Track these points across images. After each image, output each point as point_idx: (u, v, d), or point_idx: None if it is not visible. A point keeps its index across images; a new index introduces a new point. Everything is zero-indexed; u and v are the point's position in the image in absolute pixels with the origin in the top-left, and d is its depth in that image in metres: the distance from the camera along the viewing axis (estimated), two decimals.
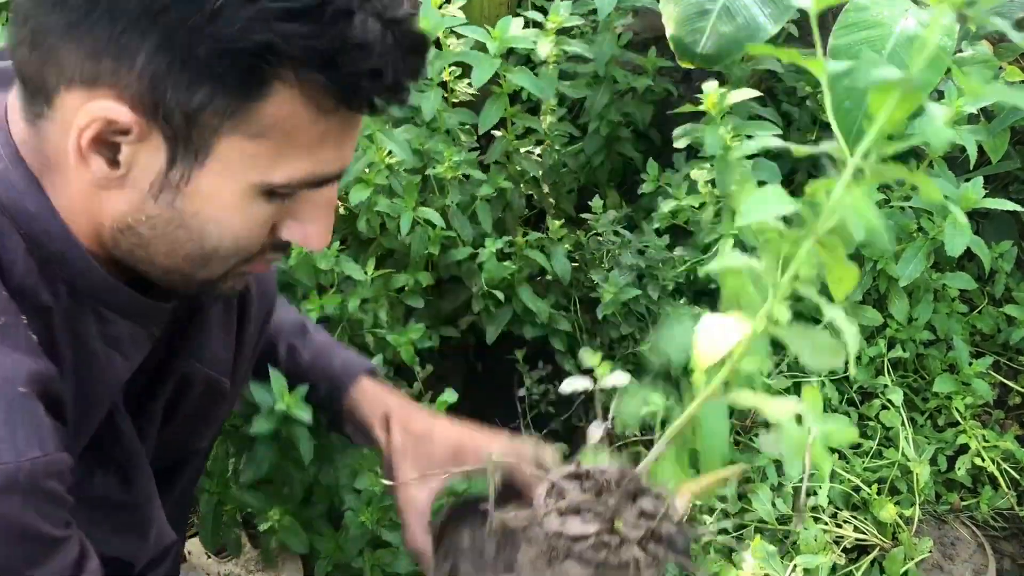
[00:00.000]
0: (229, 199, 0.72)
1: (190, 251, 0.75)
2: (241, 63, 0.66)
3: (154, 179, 0.71)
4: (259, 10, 0.64)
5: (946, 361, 1.64)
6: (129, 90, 0.67)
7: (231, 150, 0.70)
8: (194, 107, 0.67)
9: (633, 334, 1.61)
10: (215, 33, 0.64)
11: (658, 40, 1.96)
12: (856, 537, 1.44)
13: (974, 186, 1.44)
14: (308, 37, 0.65)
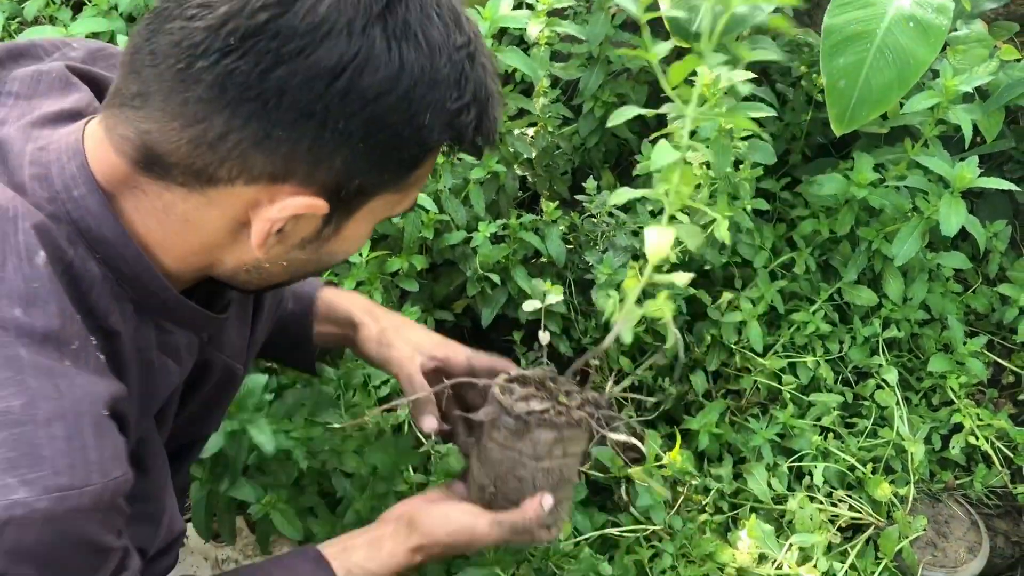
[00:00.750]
0: (360, 236, 0.83)
1: (308, 274, 0.86)
2: (422, 152, 0.77)
3: (306, 236, 0.79)
4: (446, 116, 0.75)
5: (941, 341, 1.64)
6: (316, 183, 0.74)
7: (379, 203, 0.79)
8: (368, 185, 0.76)
9: None
10: (416, 139, 0.75)
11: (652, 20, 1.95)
12: (851, 516, 1.45)
13: (969, 165, 1.44)
14: (468, 119, 0.77)
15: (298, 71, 0.68)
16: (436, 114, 0.74)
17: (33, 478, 0.66)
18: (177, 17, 0.69)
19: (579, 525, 1.36)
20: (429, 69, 0.72)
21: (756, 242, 1.61)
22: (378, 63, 0.70)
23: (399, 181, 0.78)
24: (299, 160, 0.72)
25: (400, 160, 0.76)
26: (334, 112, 0.70)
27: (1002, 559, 1.55)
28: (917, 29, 1.43)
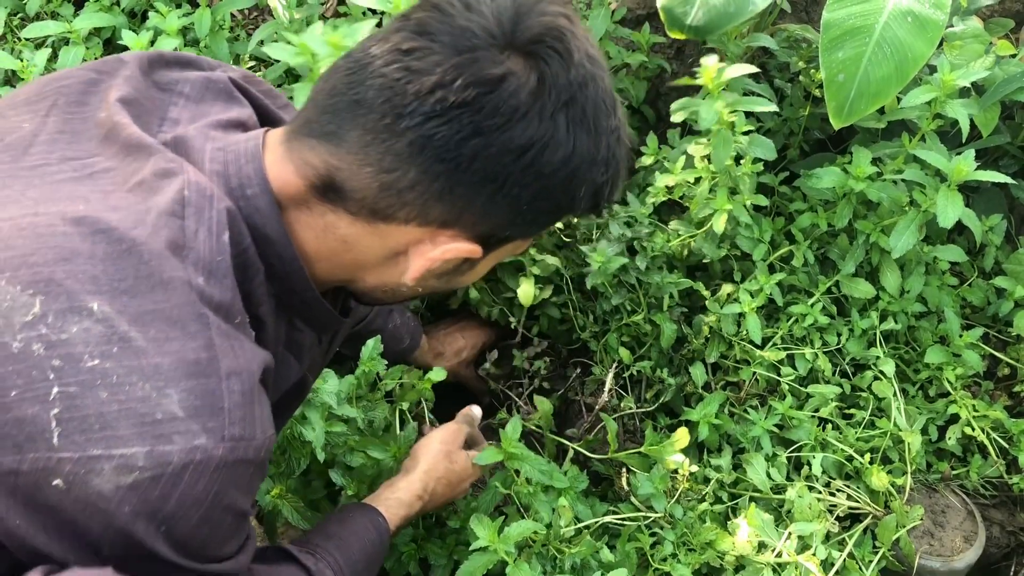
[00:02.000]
0: (487, 268, 0.92)
1: (416, 295, 0.94)
2: (566, 212, 0.86)
3: (448, 271, 0.88)
4: (598, 190, 0.85)
5: (937, 333, 1.65)
6: (477, 233, 0.83)
7: (510, 247, 0.89)
8: (514, 236, 0.86)
9: (624, 304, 1.63)
10: (569, 209, 0.85)
11: (651, 16, 1.97)
12: (849, 505, 1.46)
13: (966, 159, 1.46)
14: (609, 197, 0.87)
15: (493, 144, 0.77)
16: (589, 188, 0.84)
17: (213, 426, 0.71)
18: (383, 75, 0.77)
19: (580, 514, 1.38)
20: (593, 151, 0.82)
21: (755, 235, 1.63)
22: (558, 145, 0.79)
23: (536, 233, 0.90)
24: (471, 214, 0.81)
25: (548, 222, 0.87)
26: (513, 181, 0.79)
27: (997, 548, 1.56)
28: (915, 24, 1.45)
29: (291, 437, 1.23)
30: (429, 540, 1.36)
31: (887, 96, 1.45)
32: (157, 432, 0.69)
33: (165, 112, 0.88)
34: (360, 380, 1.35)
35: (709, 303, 1.62)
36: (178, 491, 0.70)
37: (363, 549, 1.10)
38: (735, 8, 1.53)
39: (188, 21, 1.80)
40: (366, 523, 1.14)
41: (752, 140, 1.51)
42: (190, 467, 0.70)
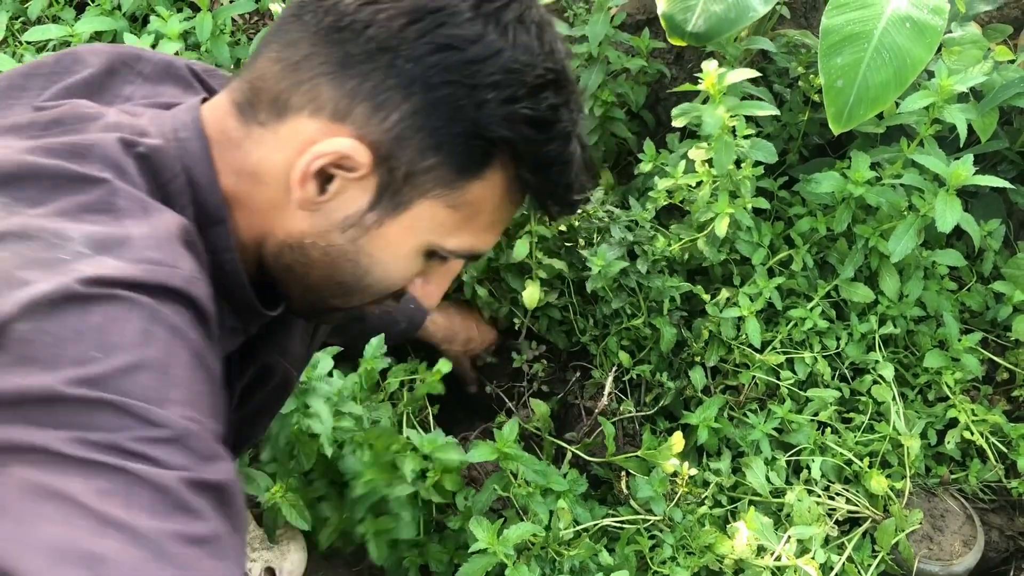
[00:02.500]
0: (403, 251, 0.80)
1: (344, 281, 0.82)
2: (480, 148, 0.74)
3: (349, 215, 0.77)
4: (513, 111, 0.73)
5: (936, 337, 1.66)
6: (371, 136, 0.74)
7: (427, 211, 0.77)
8: (419, 169, 0.75)
9: (624, 308, 1.63)
10: (476, 119, 0.73)
11: (651, 21, 1.98)
12: (848, 509, 1.47)
13: (964, 163, 1.46)
14: (538, 144, 0.75)
15: (387, 8, 0.72)
16: (500, 104, 0.73)
17: (123, 253, 0.65)
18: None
19: (579, 517, 1.38)
20: (507, 56, 0.73)
21: (754, 239, 1.63)
22: (459, 20, 0.72)
23: (448, 185, 0.76)
24: (361, 100, 0.73)
25: (455, 139, 0.74)
26: (405, 50, 0.72)
27: (996, 553, 1.57)
28: (914, 29, 1.46)
29: (298, 432, 1.23)
30: (430, 543, 1.37)
31: (886, 101, 1.45)
32: (64, 269, 0.62)
33: (119, 89, 0.86)
34: (362, 379, 1.35)
35: (709, 307, 1.62)
36: (108, 329, 0.61)
37: None
38: (736, 14, 1.54)
39: (189, 25, 1.81)
40: None
41: (753, 144, 1.52)
42: (106, 289, 0.62)
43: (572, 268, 1.66)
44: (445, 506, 1.40)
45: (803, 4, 2.05)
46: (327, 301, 0.85)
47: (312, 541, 1.36)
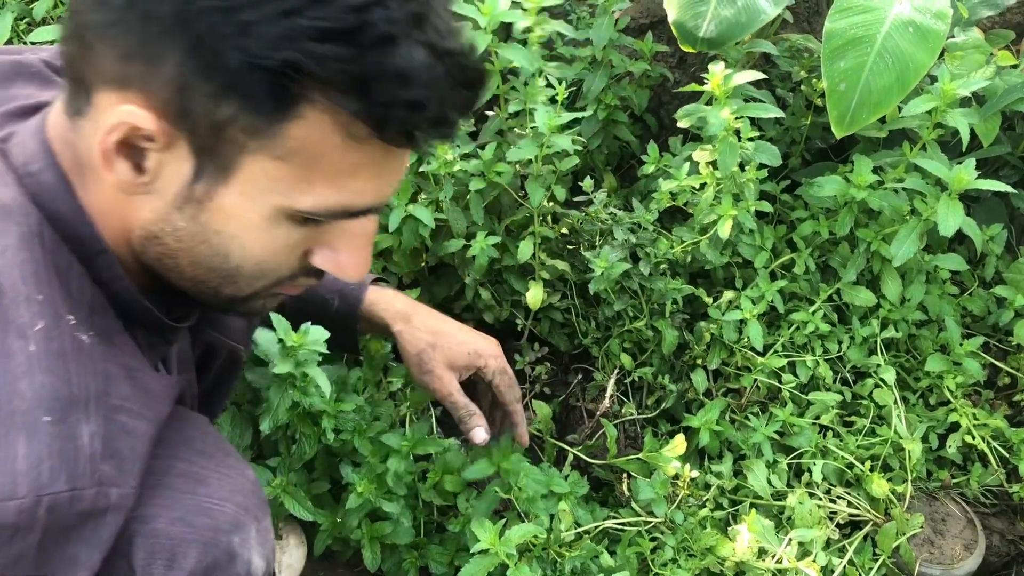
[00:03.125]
0: (253, 219, 0.71)
1: (215, 266, 0.74)
2: (270, 80, 0.63)
3: (179, 190, 0.70)
4: (291, 27, 0.62)
5: (938, 341, 1.66)
6: (158, 96, 0.65)
7: (256, 170, 0.68)
8: (221, 119, 0.65)
9: (626, 311, 1.63)
10: (245, 46, 0.62)
11: (654, 25, 1.98)
12: (849, 512, 1.47)
13: (966, 167, 1.46)
14: (342, 60, 0.63)
15: None
16: (270, 21, 0.62)
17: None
18: None
19: (580, 519, 1.38)
20: None
21: (757, 242, 1.63)
22: None
23: (262, 133, 0.66)
24: (133, 58, 0.65)
25: (236, 76, 0.63)
26: (140, 9, 0.64)
27: (997, 557, 1.56)
28: (916, 34, 1.46)
29: (300, 417, 1.23)
30: (430, 545, 1.37)
31: (888, 105, 1.46)
32: None
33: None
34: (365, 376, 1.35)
35: (711, 310, 1.62)
36: None
37: None
38: (747, 18, 1.54)
39: None
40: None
41: (757, 147, 1.52)
42: None
43: (575, 270, 1.66)
44: (447, 507, 1.41)
45: (806, 8, 2.06)
46: (220, 291, 0.78)
47: (312, 542, 1.36)
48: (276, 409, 1.16)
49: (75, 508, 0.65)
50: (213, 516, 0.78)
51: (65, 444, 0.65)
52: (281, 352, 1.15)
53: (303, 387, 1.17)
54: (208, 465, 0.81)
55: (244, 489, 0.82)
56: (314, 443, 1.24)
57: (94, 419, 0.67)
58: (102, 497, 0.67)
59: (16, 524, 0.62)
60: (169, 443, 0.79)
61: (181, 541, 0.75)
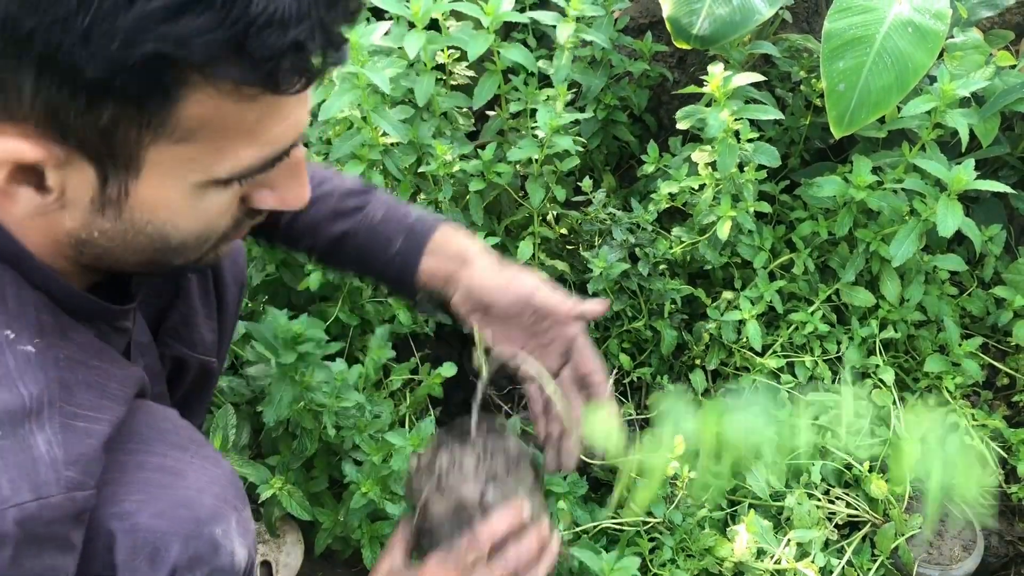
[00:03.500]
0: (179, 201, 0.68)
1: (158, 248, 0.72)
2: (137, 77, 0.58)
3: (92, 197, 0.66)
4: (137, 17, 0.56)
5: (937, 342, 1.66)
6: (28, 121, 0.60)
7: (162, 158, 0.64)
8: (104, 126, 0.61)
9: (625, 310, 1.63)
10: (96, 53, 0.56)
11: (654, 25, 1.98)
12: (848, 513, 1.47)
13: (966, 168, 1.46)
14: (204, 32, 0.57)
15: None
16: (111, 14, 0.56)
17: None
18: None
19: (579, 519, 1.38)
20: None
21: (756, 243, 1.63)
22: None
23: (152, 125, 0.61)
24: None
25: (109, 89, 0.58)
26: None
27: (996, 558, 1.57)
28: (916, 34, 1.46)
29: (301, 411, 1.22)
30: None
31: (888, 106, 1.46)
32: None
33: None
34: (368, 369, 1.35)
35: (710, 310, 1.62)
36: None
37: None
38: (741, 17, 1.54)
39: None
40: None
41: (756, 148, 1.52)
42: None
43: (574, 270, 1.66)
44: None
45: (805, 8, 2.06)
46: (171, 264, 0.75)
47: (309, 541, 1.36)
48: (279, 402, 1.16)
49: (44, 516, 0.64)
50: (193, 508, 0.76)
51: (21, 456, 0.63)
52: (283, 344, 1.15)
53: (305, 381, 1.17)
54: (183, 458, 0.80)
55: (221, 480, 0.81)
56: (315, 439, 1.24)
57: (49, 427, 0.66)
58: (69, 502, 0.66)
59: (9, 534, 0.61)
60: (142, 438, 0.78)
61: (163, 535, 0.74)
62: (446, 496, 0.92)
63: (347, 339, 1.50)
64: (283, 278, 1.49)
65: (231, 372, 1.39)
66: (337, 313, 1.47)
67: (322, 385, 1.18)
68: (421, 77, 1.54)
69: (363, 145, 1.47)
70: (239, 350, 1.35)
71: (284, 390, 1.18)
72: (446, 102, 1.62)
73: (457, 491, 0.92)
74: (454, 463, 0.94)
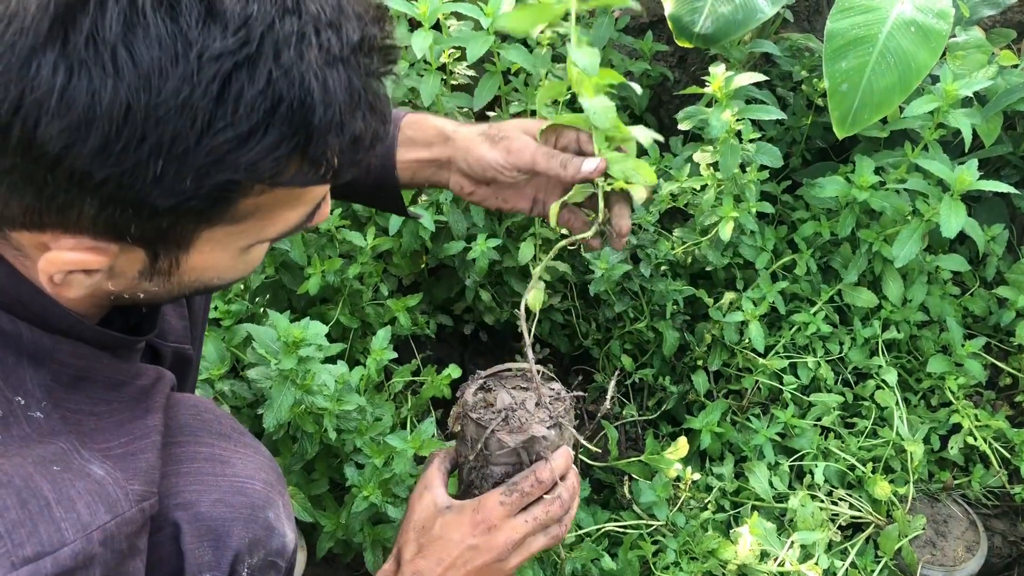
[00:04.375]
0: (227, 262, 0.70)
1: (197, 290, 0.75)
2: (205, 199, 0.60)
3: (141, 269, 0.68)
4: (208, 151, 0.57)
5: (939, 342, 1.65)
6: (85, 230, 0.61)
7: (215, 235, 0.66)
8: (163, 228, 0.62)
9: (627, 312, 1.63)
10: (167, 190, 0.58)
11: (655, 24, 1.98)
12: (851, 514, 1.46)
13: (969, 168, 1.46)
14: (270, 151, 0.59)
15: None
16: (184, 156, 0.57)
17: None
18: None
19: (582, 521, 1.37)
20: (145, 101, 0.55)
21: (758, 243, 1.63)
22: (51, 104, 0.54)
23: (210, 222, 0.63)
24: (42, 212, 0.60)
25: (174, 210, 0.60)
26: (28, 170, 0.57)
27: (999, 558, 1.56)
28: (918, 34, 1.45)
29: (302, 415, 1.22)
30: None
31: (891, 106, 1.45)
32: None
33: None
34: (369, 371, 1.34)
35: (712, 311, 1.62)
36: None
37: None
38: (743, 16, 1.53)
39: None
40: None
41: (759, 148, 1.51)
42: None
43: (575, 271, 1.65)
44: None
45: (806, 8, 2.05)
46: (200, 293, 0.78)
47: (310, 544, 1.35)
48: (279, 406, 1.16)
49: (123, 532, 0.67)
50: (247, 494, 0.80)
51: (85, 482, 0.66)
52: (283, 348, 1.14)
53: (306, 385, 1.17)
54: (229, 447, 0.83)
55: (266, 466, 0.85)
56: (316, 442, 1.24)
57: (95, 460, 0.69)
58: (140, 513, 0.69)
59: (74, 567, 0.63)
60: (191, 430, 0.82)
61: (224, 521, 0.78)
62: (514, 432, 0.98)
63: (348, 342, 1.49)
64: (283, 280, 1.49)
65: (232, 375, 1.38)
66: (338, 315, 1.46)
67: (323, 388, 1.18)
68: (426, 77, 1.53)
69: None
70: (239, 353, 1.34)
71: (284, 393, 1.17)
72: (448, 102, 1.61)
73: (529, 428, 0.98)
74: (516, 402, 1.01)
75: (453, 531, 0.94)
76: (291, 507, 0.89)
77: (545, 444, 0.98)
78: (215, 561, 0.77)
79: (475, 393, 1.03)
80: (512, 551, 0.95)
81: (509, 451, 0.98)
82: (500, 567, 0.95)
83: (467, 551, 0.94)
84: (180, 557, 0.77)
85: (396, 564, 0.97)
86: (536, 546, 0.97)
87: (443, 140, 1.03)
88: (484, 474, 1.00)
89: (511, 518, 0.95)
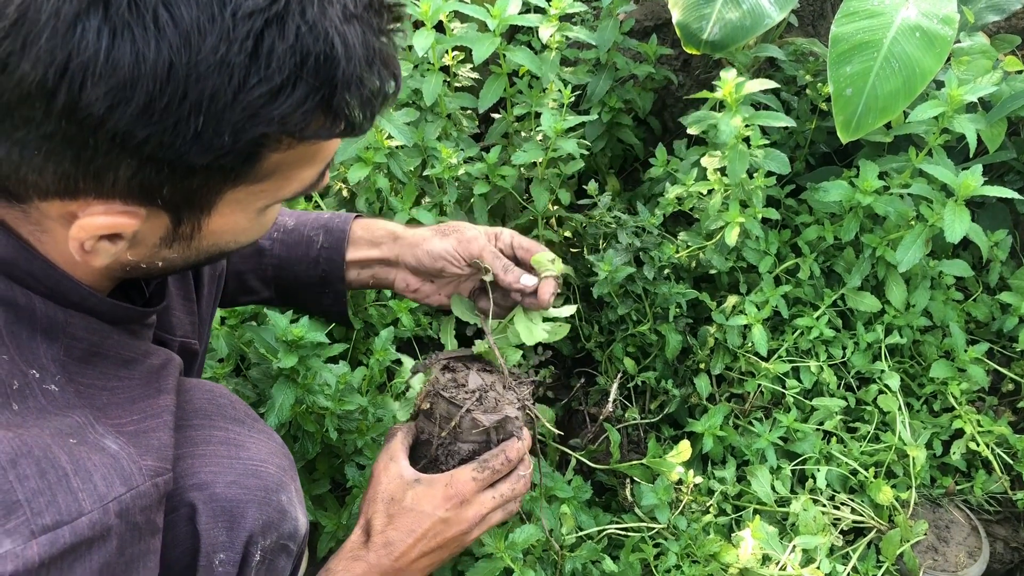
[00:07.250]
0: (244, 223, 0.73)
1: (211, 257, 0.77)
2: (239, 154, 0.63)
3: (163, 235, 0.70)
4: (244, 107, 0.60)
5: (942, 347, 1.65)
6: (117, 195, 0.64)
7: (237, 196, 0.69)
8: (193, 188, 0.65)
9: (630, 314, 1.63)
10: (205, 146, 0.61)
11: (659, 27, 1.98)
12: (853, 519, 1.46)
13: (973, 173, 1.46)
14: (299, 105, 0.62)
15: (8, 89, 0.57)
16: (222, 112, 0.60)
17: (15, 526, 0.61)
18: None
19: (583, 524, 1.37)
20: (186, 59, 0.58)
21: (762, 247, 1.63)
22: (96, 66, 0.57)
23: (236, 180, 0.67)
24: (74, 177, 0.62)
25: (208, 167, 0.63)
26: (70, 134, 0.59)
27: (1001, 564, 1.56)
28: (923, 39, 1.45)
29: (303, 415, 1.22)
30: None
31: (895, 111, 1.45)
32: None
33: None
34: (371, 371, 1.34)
35: (715, 314, 1.62)
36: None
37: None
38: (751, 22, 1.54)
39: None
40: None
41: (767, 154, 1.51)
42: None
43: (578, 273, 1.65)
44: None
45: (811, 12, 2.05)
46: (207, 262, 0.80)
47: (312, 543, 1.35)
48: (280, 406, 1.16)
49: (138, 504, 0.68)
50: (261, 477, 0.82)
51: (100, 455, 0.67)
52: (284, 348, 1.14)
53: (307, 384, 1.17)
54: (242, 431, 0.85)
55: (278, 452, 0.87)
56: (317, 442, 1.24)
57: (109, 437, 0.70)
58: (155, 488, 0.70)
59: (91, 537, 0.64)
60: (206, 413, 0.84)
61: (239, 502, 0.80)
62: (488, 412, 1.05)
63: (351, 342, 1.49)
64: None
65: (234, 374, 1.38)
66: None
67: (324, 388, 1.18)
68: (428, 77, 1.53)
69: (368, 148, 1.46)
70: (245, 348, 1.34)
71: (285, 393, 1.17)
72: (452, 103, 1.61)
73: (502, 409, 1.05)
74: (486, 384, 1.08)
75: (425, 503, 1.00)
76: (302, 493, 0.90)
77: (516, 425, 1.05)
78: (229, 542, 0.79)
79: (443, 373, 1.09)
80: (476, 524, 1.03)
81: (481, 430, 1.05)
82: (463, 539, 1.03)
83: (438, 523, 1.00)
84: (196, 537, 0.78)
85: (365, 535, 1.01)
86: (494, 520, 1.06)
87: (392, 239, 1.13)
88: (451, 451, 1.06)
89: (480, 493, 1.03)
